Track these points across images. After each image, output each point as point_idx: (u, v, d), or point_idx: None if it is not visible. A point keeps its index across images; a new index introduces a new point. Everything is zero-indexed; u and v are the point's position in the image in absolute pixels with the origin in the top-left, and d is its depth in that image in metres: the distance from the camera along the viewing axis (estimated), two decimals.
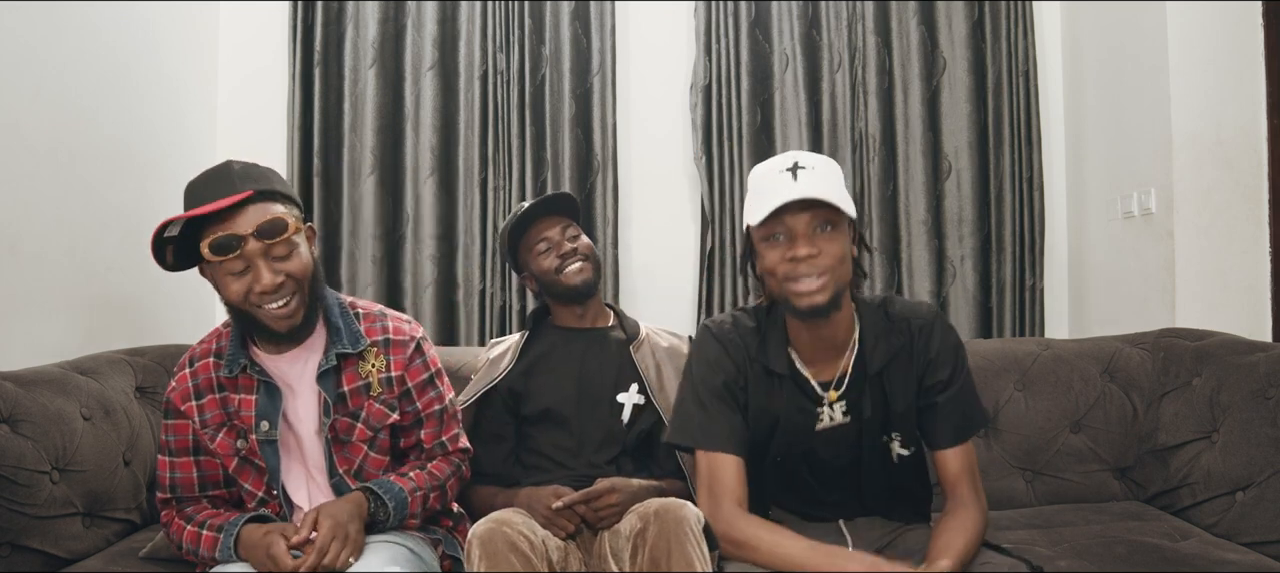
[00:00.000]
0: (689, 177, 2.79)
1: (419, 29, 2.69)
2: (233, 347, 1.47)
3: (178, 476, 1.49)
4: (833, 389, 1.45)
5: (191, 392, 1.48)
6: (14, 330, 1.84)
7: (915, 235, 2.73)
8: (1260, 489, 1.69)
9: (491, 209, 2.67)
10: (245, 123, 2.74)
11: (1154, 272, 2.35)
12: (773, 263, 1.36)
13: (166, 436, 1.49)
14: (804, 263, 1.33)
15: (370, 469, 1.53)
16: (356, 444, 1.51)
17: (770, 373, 1.46)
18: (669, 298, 2.76)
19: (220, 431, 1.47)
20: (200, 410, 1.47)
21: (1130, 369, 2.05)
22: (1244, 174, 2.24)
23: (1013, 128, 2.72)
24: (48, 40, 1.94)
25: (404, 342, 1.55)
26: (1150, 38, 2.32)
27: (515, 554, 1.38)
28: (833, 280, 1.34)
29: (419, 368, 1.56)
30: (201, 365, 1.49)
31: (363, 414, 1.51)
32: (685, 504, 1.41)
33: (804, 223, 1.33)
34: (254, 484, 1.50)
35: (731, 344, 1.48)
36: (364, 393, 1.51)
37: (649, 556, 1.37)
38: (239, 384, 1.47)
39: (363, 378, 1.50)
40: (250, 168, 1.42)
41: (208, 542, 1.40)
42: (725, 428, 1.44)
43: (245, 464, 1.49)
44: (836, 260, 1.34)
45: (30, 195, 1.89)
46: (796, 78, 2.71)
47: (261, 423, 1.45)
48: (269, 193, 1.38)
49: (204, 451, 1.49)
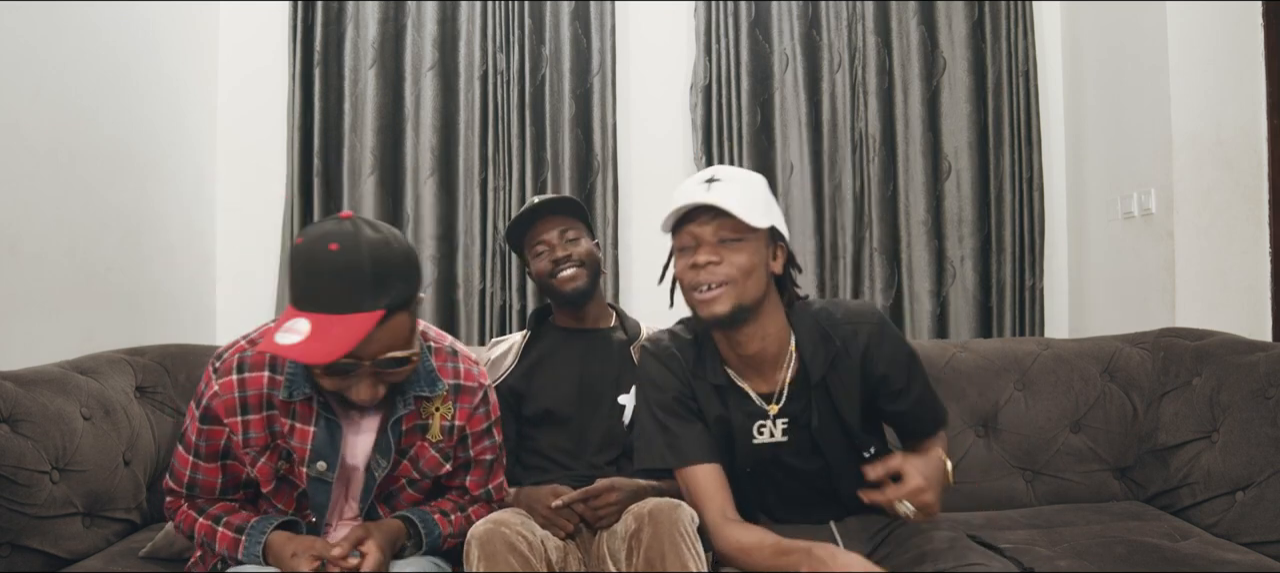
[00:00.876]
0: (689, 177, 2.78)
1: (419, 29, 2.69)
2: (294, 368, 1.33)
3: (200, 478, 1.39)
4: (773, 403, 1.44)
5: (238, 406, 1.34)
6: (14, 330, 1.84)
7: (915, 235, 2.73)
8: (1260, 489, 1.69)
9: (491, 209, 2.67)
10: (245, 123, 2.74)
11: (1154, 272, 2.35)
12: (680, 270, 1.38)
13: (197, 439, 1.37)
14: (703, 270, 1.34)
15: (402, 502, 1.49)
16: (397, 477, 1.45)
17: (712, 385, 1.45)
18: (668, 298, 2.75)
19: (262, 454, 1.36)
20: (245, 427, 1.34)
21: (1130, 369, 2.05)
22: (1244, 174, 2.24)
23: (1013, 128, 2.72)
24: (48, 40, 1.94)
25: (473, 390, 1.46)
26: (1150, 38, 2.32)
27: (513, 555, 1.37)
28: (733, 292, 1.33)
29: (481, 417, 1.48)
30: (253, 379, 1.34)
31: (412, 454, 1.43)
32: (679, 505, 1.41)
33: (709, 231, 1.34)
34: (284, 505, 1.42)
35: (671, 360, 1.47)
36: (420, 434, 1.42)
37: (644, 556, 1.37)
38: (295, 410, 1.34)
39: (423, 419, 1.41)
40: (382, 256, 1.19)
41: (226, 540, 1.34)
42: (688, 441, 1.42)
43: (282, 487, 1.40)
44: (740, 271, 1.33)
45: (30, 195, 1.89)
46: (796, 78, 2.71)
47: (318, 462, 1.35)
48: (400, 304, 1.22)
49: (234, 456, 1.39)
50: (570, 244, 1.83)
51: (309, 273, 1.18)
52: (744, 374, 1.45)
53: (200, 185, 2.65)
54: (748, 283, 1.34)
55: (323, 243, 1.18)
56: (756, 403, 1.44)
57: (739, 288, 1.33)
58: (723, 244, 1.34)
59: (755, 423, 1.44)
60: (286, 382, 1.33)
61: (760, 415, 1.44)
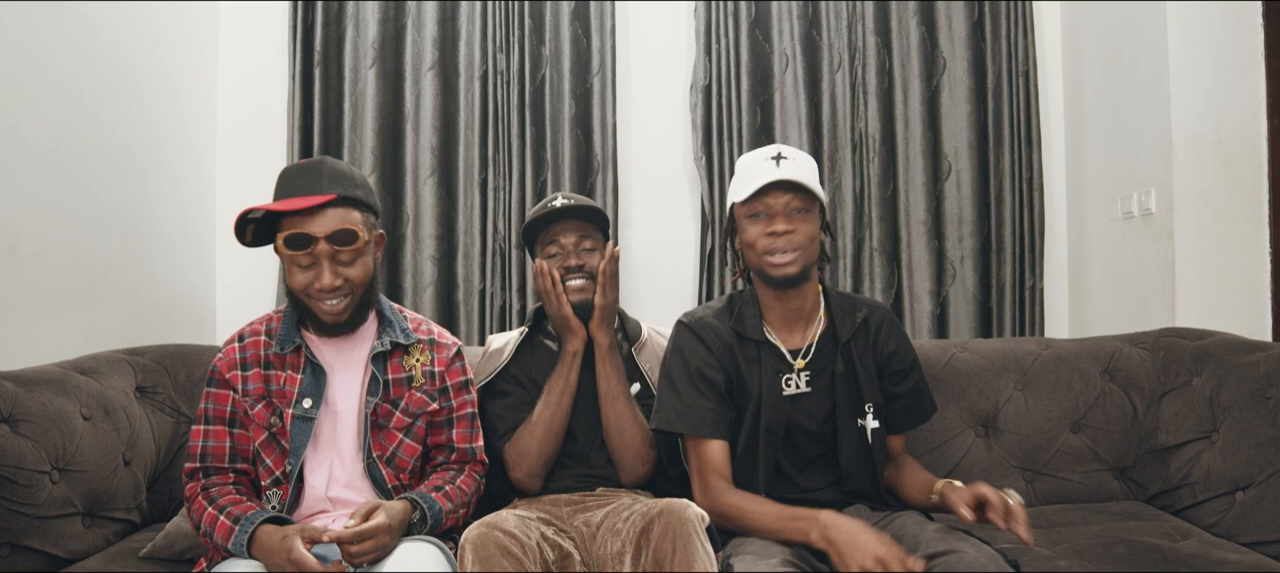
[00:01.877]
0: (689, 176, 2.79)
1: (419, 29, 2.69)
2: (285, 328, 1.56)
3: (210, 445, 1.53)
4: (801, 358, 1.63)
5: (238, 363, 1.55)
6: (14, 330, 1.84)
7: (915, 235, 2.73)
8: (1260, 489, 1.69)
9: (491, 209, 2.67)
10: (245, 123, 2.74)
11: (1154, 272, 2.35)
12: (753, 236, 1.56)
13: (206, 404, 1.55)
14: (781, 237, 1.53)
15: (402, 457, 1.59)
16: (393, 431, 1.58)
17: (745, 341, 1.63)
18: (669, 298, 2.76)
19: (259, 402, 1.53)
20: (243, 381, 1.54)
21: (1130, 369, 2.05)
22: (1244, 174, 2.24)
23: (1013, 128, 2.72)
24: (48, 40, 1.94)
25: (447, 345, 1.69)
26: (1150, 38, 2.32)
27: (506, 557, 1.38)
28: (803, 256, 1.54)
29: (458, 370, 1.69)
30: (252, 342, 1.57)
31: (403, 403, 1.59)
32: (688, 504, 1.42)
33: (783, 203, 1.53)
34: (274, 462, 1.53)
35: (706, 330, 1.64)
36: (406, 385, 1.60)
37: (653, 555, 1.37)
38: (286, 363, 1.55)
39: (407, 371, 1.61)
40: (341, 171, 1.52)
41: (223, 529, 1.41)
42: (704, 414, 1.58)
43: (272, 442, 1.53)
44: (808, 239, 1.54)
45: (30, 195, 1.89)
46: (796, 78, 2.72)
47: (304, 400, 1.52)
48: (350, 199, 1.49)
49: (239, 423, 1.55)
50: (585, 254, 1.80)
51: (282, 177, 1.51)
52: (779, 330, 1.64)
53: (200, 185, 2.65)
54: (811, 248, 1.56)
55: (295, 164, 1.54)
56: (787, 358, 1.63)
57: (806, 252, 1.55)
58: (794, 214, 1.54)
59: (783, 377, 1.62)
60: (278, 339, 1.55)
61: (788, 370, 1.62)
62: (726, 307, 1.69)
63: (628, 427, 1.72)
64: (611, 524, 1.53)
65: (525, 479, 1.72)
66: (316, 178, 1.48)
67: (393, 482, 1.57)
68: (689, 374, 1.60)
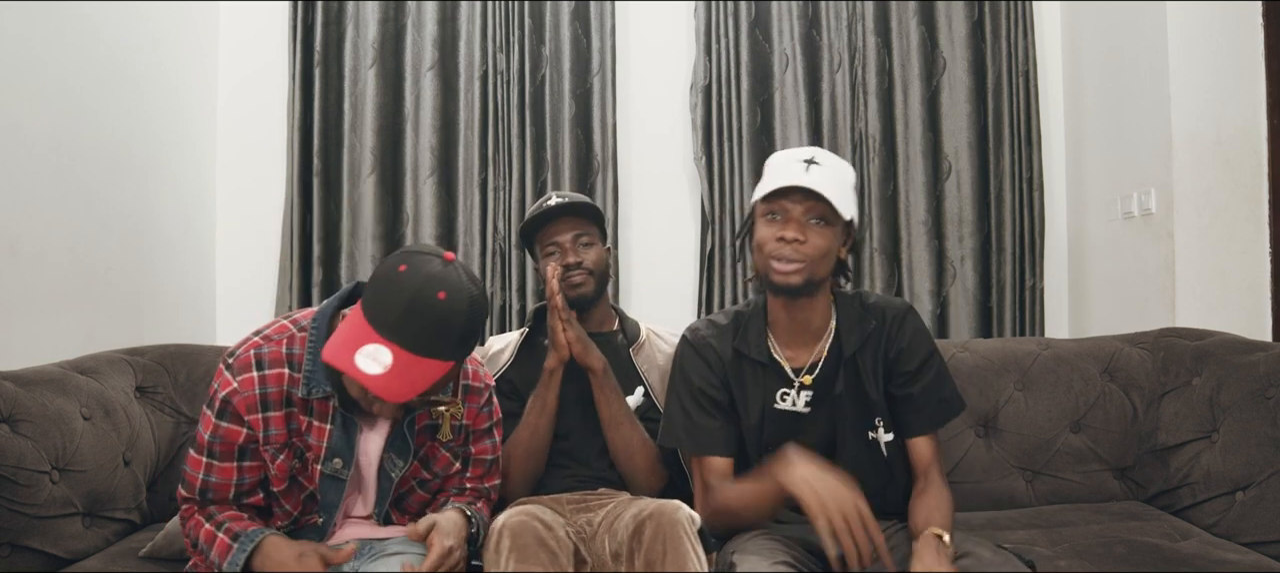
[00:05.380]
0: (689, 177, 2.79)
1: (419, 29, 2.69)
2: (313, 364, 1.33)
3: (213, 479, 1.36)
4: (806, 374, 1.55)
5: (259, 402, 1.33)
6: (14, 330, 1.84)
7: (915, 235, 2.73)
8: (1260, 489, 1.69)
9: (491, 209, 2.67)
10: (245, 123, 2.74)
11: (1154, 272, 2.35)
12: (763, 237, 1.48)
13: (211, 437, 1.34)
14: (789, 245, 1.44)
15: (412, 503, 1.51)
16: (407, 478, 1.47)
17: (744, 360, 1.56)
18: (669, 298, 2.76)
19: (282, 452, 1.36)
20: (266, 424, 1.34)
21: (1130, 369, 2.05)
22: (1244, 174, 2.24)
23: (1013, 128, 2.72)
24: (48, 40, 1.94)
25: (479, 391, 1.51)
26: (1150, 38, 2.32)
27: (544, 551, 1.35)
28: (809, 268, 1.44)
29: (485, 417, 1.53)
30: (273, 375, 1.34)
31: (424, 455, 1.47)
32: (680, 506, 1.42)
33: (800, 210, 1.44)
34: (292, 506, 1.41)
35: (706, 350, 1.58)
36: (430, 435, 1.46)
37: (644, 556, 1.37)
38: (313, 407, 1.36)
39: (433, 419, 1.42)
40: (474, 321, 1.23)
41: (221, 547, 1.31)
42: (709, 433, 1.54)
43: (293, 487, 1.40)
44: (819, 253, 1.45)
45: (30, 195, 1.89)
46: (796, 78, 2.72)
47: (334, 460, 1.36)
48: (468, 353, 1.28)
49: (250, 457, 1.37)
50: (583, 249, 1.81)
51: (412, 310, 1.16)
52: (785, 343, 1.57)
53: (200, 185, 2.65)
54: (821, 263, 1.46)
55: (432, 287, 1.17)
56: (789, 375, 1.55)
57: (813, 266, 1.45)
58: (809, 224, 1.45)
59: (779, 390, 1.55)
60: (305, 379, 1.33)
61: (787, 384, 1.55)
62: (732, 321, 1.61)
63: (636, 450, 1.71)
64: (609, 525, 1.54)
65: (508, 497, 1.72)
66: (451, 337, 1.19)
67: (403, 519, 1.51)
68: (692, 393, 1.56)
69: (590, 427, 1.78)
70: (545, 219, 1.82)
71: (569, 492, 1.72)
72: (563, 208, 1.81)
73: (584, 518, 1.62)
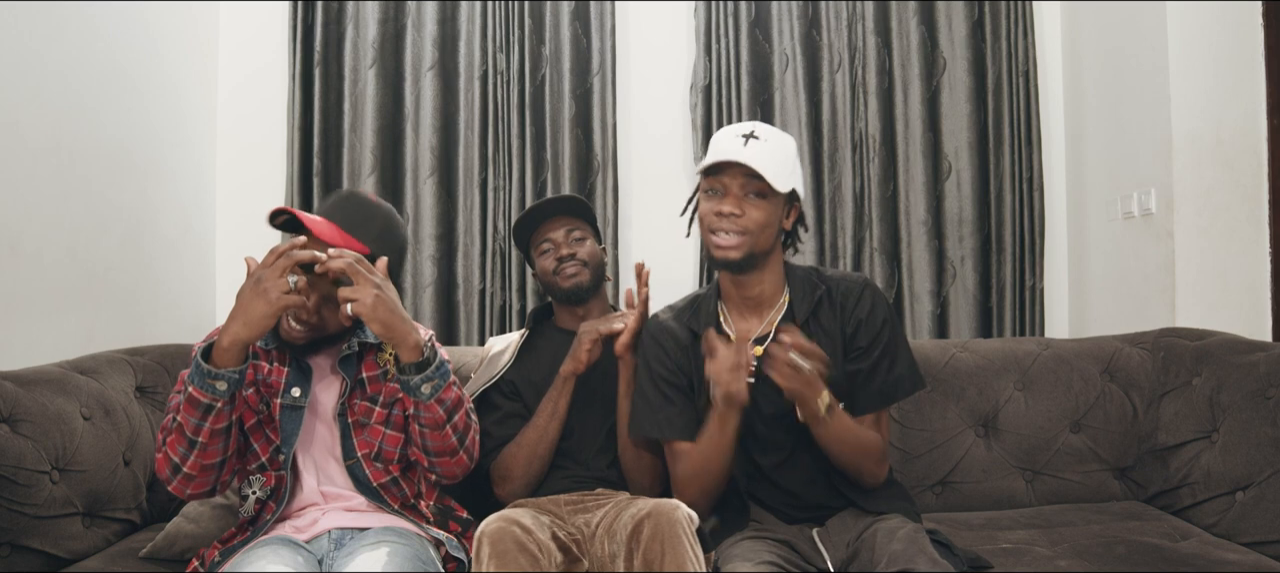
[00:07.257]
0: (689, 176, 2.79)
1: (419, 29, 2.69)
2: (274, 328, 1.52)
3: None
4: (756, 344, 1.54)
5: None
6: (14, 330, 1.84)
7: (915, 235, 2.73)
8: (1260, 489, 1.69)
9: (491, 209, 2.67)
10: (245, 123, 2.74)
11: (1154, 272, 2.35)
12: (704, 211, 1.53)
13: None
14: (727, 219, 1.48)
15: (387, 449, 1.57)
16: (375, 427, 1.56)
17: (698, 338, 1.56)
18: (669, 298, 2.74)
19: (248, 387, 1.52)
20: None
21: (1130, 369, 2.05)
22: (1244, 174, 2.24)
23: (1013, 128, 2.72)
24: (48, 40, 1.94)
25: None
26: (1150, 38, 2.32)
27: (523, 555, 1.37)
28: (749, 242, 1.48)
29: None
30: None
31: (381, 398, 1.57)
32: (677, 505, 1.42)
33: (738, 185, 1.48)
34: (262, 447, 1.53)
35: (663, 335, 1.62)
36: (381, 380, 1.58)
37: (643, 556, 1.37)
38: (273, 356, 1.55)
39: (381, 367, 1.58)
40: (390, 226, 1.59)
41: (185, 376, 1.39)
42: (671, 418, 1.56)
43: (260, 427, 1.53)
44: (757, 226, 1.48)
45: (30, 195, 1.89)
46: (796, 78, 2.72)
47: (292, 389, 1.53)
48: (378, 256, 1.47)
49: None
50: (576, 244, 1.84)
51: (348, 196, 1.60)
52: (739, 316, 1.60)
53: (200, 185, 2.65)
54: (761, 236, 1.49)
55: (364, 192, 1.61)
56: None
57: (753, 239, 1.48)
58: (747, 198, 1.48)
59: None
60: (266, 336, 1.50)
61: None
62: (690, 303, 1.67)
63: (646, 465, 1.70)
64: (607, 526, 1.54)
65: (508, 498, 1.72)
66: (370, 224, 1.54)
67: (381, 478, 1.55)
68: (653, 379, 1.59)
69: (589, 427, 1.78)
70: (538, 216, 1.86)
71: (567, 493, 1.72)
72: (551, 205, 1.85)
73: (582, 519, 1.62)
